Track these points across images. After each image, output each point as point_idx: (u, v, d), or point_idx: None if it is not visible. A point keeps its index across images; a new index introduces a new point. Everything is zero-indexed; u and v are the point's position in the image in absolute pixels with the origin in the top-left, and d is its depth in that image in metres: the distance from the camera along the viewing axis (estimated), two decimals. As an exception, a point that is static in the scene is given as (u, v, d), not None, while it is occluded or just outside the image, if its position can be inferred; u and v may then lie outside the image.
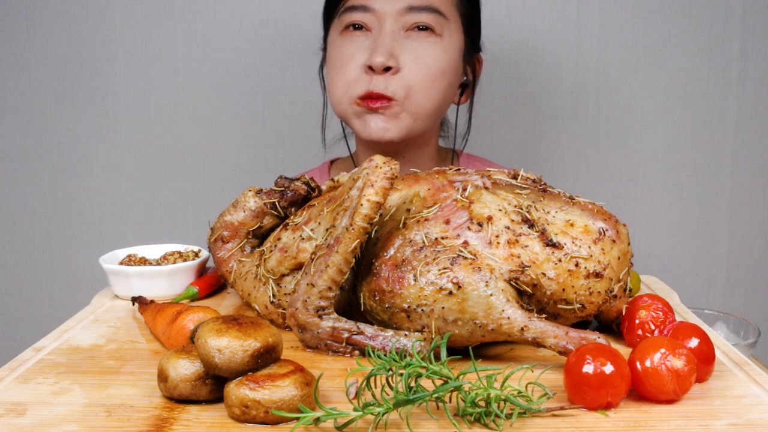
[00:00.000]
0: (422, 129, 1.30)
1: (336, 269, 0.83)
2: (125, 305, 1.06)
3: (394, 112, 1.25)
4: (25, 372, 0.81)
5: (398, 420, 0.67)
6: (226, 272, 1.04)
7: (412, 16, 1.25)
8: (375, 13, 1.25)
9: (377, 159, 0.84)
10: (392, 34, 1.24)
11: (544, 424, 0.68)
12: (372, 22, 1.26)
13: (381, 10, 1.25)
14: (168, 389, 0.72)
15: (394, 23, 1.25)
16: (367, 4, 1.25)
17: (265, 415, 0.67)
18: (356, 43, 1.26)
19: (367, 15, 1.26)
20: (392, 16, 1.25)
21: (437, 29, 1.26)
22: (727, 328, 1.19)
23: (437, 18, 1.26)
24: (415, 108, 1.26)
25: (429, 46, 1.26)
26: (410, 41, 1.25)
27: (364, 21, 1.26)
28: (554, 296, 0.84)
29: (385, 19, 1.25)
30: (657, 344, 0.72)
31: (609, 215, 0.88)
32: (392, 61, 1.23)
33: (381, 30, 1.25)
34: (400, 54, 1.24)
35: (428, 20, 1.25)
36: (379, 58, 1.22)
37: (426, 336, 0.82)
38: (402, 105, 1.25)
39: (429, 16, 1.25)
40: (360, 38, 1.27)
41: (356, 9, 1.26)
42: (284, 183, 1.03)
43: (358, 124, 1.28)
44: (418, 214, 0.88)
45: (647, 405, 0.72)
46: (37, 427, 0.68)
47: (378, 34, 1.25)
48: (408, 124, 1.27)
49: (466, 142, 1.47)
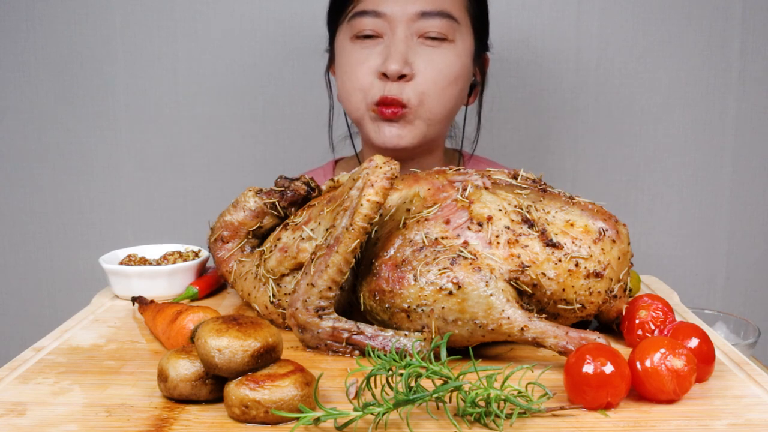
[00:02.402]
0: (435, 134, 1.30)
1: (336, 269, 0.83)
2: (125, 305, 1.06)
3: (408, 120, 1.24)
4: (25, 372, 0.81)
5: (398, 420, 0.67)
6: (226, 272, 1.04)
7: (424, 21, 1.22)
8: (386, 18, 1.23)
9: (377, 159, 0.84)
10: (405, 41, 1.22)
11: (544, 424, 0.68)
12: (383, 27, 1.23)
13: (393, 15, 1.22)
14: (168, 389, 0.72)
15: (407, 29, 1.22)
16: (378, 9, 1.23)
17: (265, 415, 0.67)
18: (368, 48, 1.24)
19: (378, 21, 1.23)
20: (404, 21, 1.22)
21: (450, 35, 1.24)
22: (727, 328, 1.19)
23: (450, 23, 1.24)
24: (429, 114, 1.25)
25: (443, 53, 1.24)
26: (423, 48, 1.23)
27: (375, 27, 1.23)
28: (554, 296, 0.84)
29: (397, 24, 1.22)
30: (657, 344, 0.72)
31: (609, 215, 0.88)
32: (407, 68, 1.21)
33: (393, 36, 1.23)
34: (413, 61, 1.22)
35: (441, 27, 1.23)
36: (394, 65, 1.20)
37: (426, 336, 0.82)
38: (416, 112, 1.23)
39: (441, 22, 1.23)
40: (371, 44, 1.25)
41: (367, 14, 1.23)
42: (284, 183, 1.03)
43: (373, 130, 1.26)
44: (418, 214, 0.88)
45: (647, 405, 0.72)
46: (37, 427, 0.68)
47: (391, 40, 1.23)
48: (422, 131, 1.26)
49: (476, 144, 1.45)
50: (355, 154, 1.47)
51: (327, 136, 1.50)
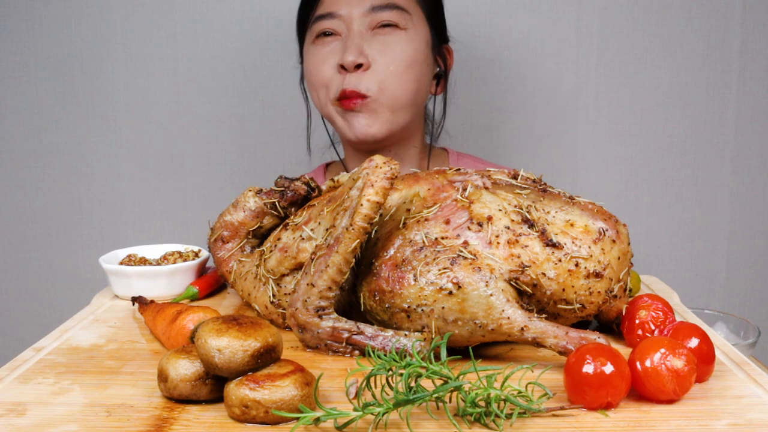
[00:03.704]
0: (403, 121, 1.35)
1: (336, 269, 0.83)
2: (125, 305, 1.06)
3: (371, 109, 1.31)
4: (25, 372, 0.81)
5: (398, 420, 0.67)
6: (226, 272, 1.04)
7: (376, 15, 1.32)
8: (342, 18, 1.32)
9: (377, 159, 0.84)
10: (360, 34, 1.31)
11: (544, 424, 0.68)
12: (340, 27, 1.33)
13: (347, 14, 1.32)
14: (168, 389, 0.72)
15: (360, 24, 1.32)
16: (333, 11, 1.33)
17: (265, 415, 0.67)
18: (328, 47, 1.34)
19: (334, 21, 1.33)
20: (357, 18, 1.32)
21: (401, 24, 1.32)
22: (727, 328, 1.19)
23: (400, 14, 1.32)
24: (390, 101, 1.31)
25: (395, 39, 1.32)
26: (377, 37, 1.31)
27: (333, 27, 1.33)
28: (554, 296, 0.84)
29: (351, 21, 1.32)
30: (657, 344, 0.72)
31: (609, 215, 0.88)
32: (362, 58, 1.29)
33: (349, 32, 1.32)
34: (368, 50, 1.30)
35: (391, 17, 1.32)
36: (350, 56, 1.28)
37: (426, 336, 0.82)
38: (377, 100, 1.30)
39: (392, 13, 1.32)
40: (331, 43, 1.33)
41: (324, 17, 1.34)
42: (284, 183, 1.03)
43: (343, 124, 1.34)
44: (418, 214, 0.88)
45: (647, 405, 0.72)
46: (37, 427, 0.68)
47: (347, 36, 1.32)
48: (388, 118, 1.32)
49: (441, 129, 1.52)
50: (340, 161, 1.50)
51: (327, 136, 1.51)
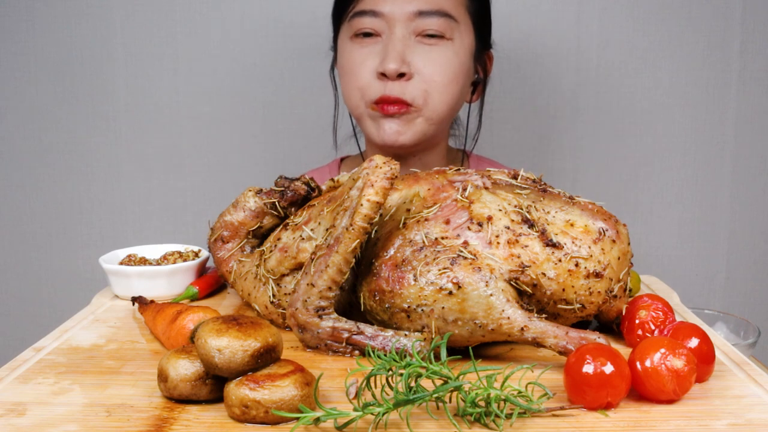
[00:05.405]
0: (435, 132, 1.31)
1: (336, 269, 0.83)
2: (125, 305, 1.06)
3: (410, 118, 1.25)
4: (25, 372, 0.81)
5: (398, 420, 0.67)
6: (226, 272, 1.04)
7: (422, 20, 1.23)
8: (384, 18, 1.24)
9: (377, 159, 0.84)
10: (403, 40, 1.23)
11: (544, 424, 0.68)
12: (381, 26, 1.25)
13: (390, 14, 1.23)
14: (168, 389, 0.72)
15: (404, 28, 1.23)
16: (376, 9, 1.24)
17: (265, 415, 0.67)
18: (367, 48, 1.26)
19: (376, 20, 1.24)
20: (402, 20, 1.23)
21: (448, 34, 1.25)
22: (727, 328, 1.19)
23: (447, 22, 1.24)
24: (431, 113, 1.26)
25: (441, 51, 1.24)
26: (421, 46, 1.24)
27: (374, 27, 1.25)
28: (554, 296, 0.84)
29: (394, 23, 1.23)
30: (657, 344, 0.72)
31: (609, 215, 0.88)
32: (405, 67, 1.22)
33: (391, 35, 1.24)
34: (411, 58, 1.23)
35: (438, 25, 1.24)
36: (392, 65, 1.21)
37: (426, 336, 0.82)
38: (419, 111, 1.25)
39: (439, 21, 1.24)
40: (370, 43, 1.26)
41: (365, 14, 1.25)
42: (284, 183, 1.03)
43: (372, 127, 1.28)
44: (418, 214, 0.88)
45: (647, 405, 0.72)
46: (37, 427, 0.68)
47: (388, 39, 1.24)
48: (422, 129, 1.27)
49: (476, 141, 1.47)
50: (359, 153, 1.47)
51: (328, 135, 1.51)
